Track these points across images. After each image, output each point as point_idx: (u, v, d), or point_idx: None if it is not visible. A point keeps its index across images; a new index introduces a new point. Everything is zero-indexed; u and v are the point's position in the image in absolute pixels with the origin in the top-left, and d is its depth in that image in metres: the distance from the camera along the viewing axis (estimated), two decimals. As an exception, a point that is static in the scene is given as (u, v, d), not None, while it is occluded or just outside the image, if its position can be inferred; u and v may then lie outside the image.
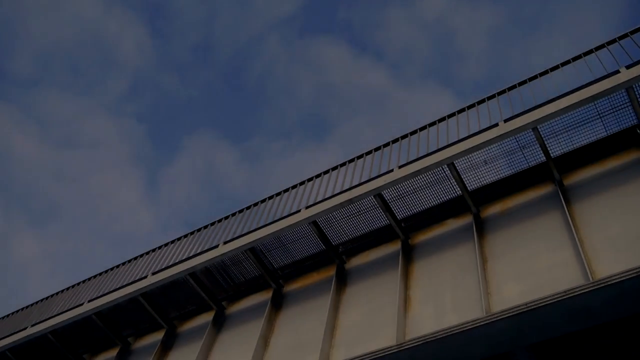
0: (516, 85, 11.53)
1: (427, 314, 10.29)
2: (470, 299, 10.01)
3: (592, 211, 10.09)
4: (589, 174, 10.85)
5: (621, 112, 10.52)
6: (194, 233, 14.52)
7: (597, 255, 9.28)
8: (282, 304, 13.01)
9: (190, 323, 14.36)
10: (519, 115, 10.61)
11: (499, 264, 10.32)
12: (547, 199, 10.92)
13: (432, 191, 11.80)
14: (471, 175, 11.52)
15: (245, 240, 12.85)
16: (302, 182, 13.32)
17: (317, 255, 13.02)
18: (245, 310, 13.54)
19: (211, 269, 13.58)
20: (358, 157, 12.83)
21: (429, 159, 11.24)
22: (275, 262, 13.31)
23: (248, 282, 13.77)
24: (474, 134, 11.02)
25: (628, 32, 10.67)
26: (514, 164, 11.48)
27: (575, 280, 9.10)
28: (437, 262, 11.32)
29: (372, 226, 12.46)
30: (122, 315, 14.76)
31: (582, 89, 10.18)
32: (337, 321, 11.51)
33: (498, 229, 11.04)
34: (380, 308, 11.09)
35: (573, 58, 11.12)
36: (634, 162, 10.40)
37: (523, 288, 9.58)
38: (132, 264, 15.07)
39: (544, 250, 10.00)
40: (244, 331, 12.85)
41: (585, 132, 10.93)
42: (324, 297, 12.15)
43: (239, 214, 14.03)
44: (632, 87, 9.89)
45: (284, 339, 11.99)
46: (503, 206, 11.47)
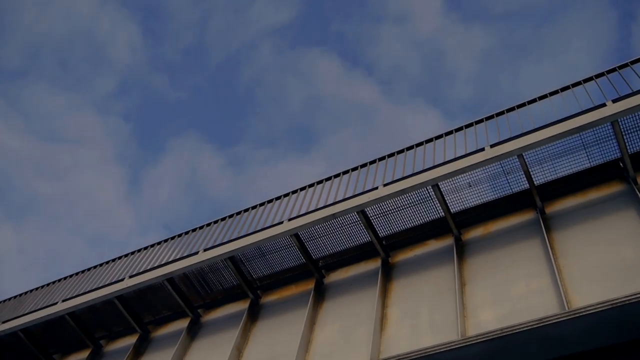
0: (504, 111, 11.65)
1: (402, 334, 10.28)
2: (446, 321, 10.03)
3: (571, 241, 10.17)
4: (570, 204, 10.96)
5: (605, 144, 10.65)
6: (174, 238, 14.42)
7: (574, 284, 9.35)
8: (258, 315, 12.94)
9: (164, 329, 14.23)
10: (506, 142, 10.70)
11: (477, 287, 10.35)
12: (528, 226, 10.99)
13: (415, 211, 11.83)
14: (454, 198, 11.58)
15: (226, 248, 12.79)
16: (286, 194, 13.31)
17: (296, 268, 12.98)
18: (221, 319, 13.44)
19: (189, 276, 13.49)
20: (344, 173, 12.86)
21: (414, 178, 11.29)
22: (254, 273, 13.25)
23: (226, 290, 13.69)
24: (460, 157, 11.10)
25: (616, 67, 10.84)
26: (497, 189, 11.56)
27: (551, 308, 9.15)
28: (416, 282, 11.34)
29: (354, 242, 12.46)
30: (96, 317, 14.59)
31: (568, 119, 10.30)
32: (312, 336, 11.46)
33: (478, 253, 11.09)
34: (356, 325, 11.06)
35: (561, 88, 11.26)
36: (615, 195, 10.52)
37: (499, 313, 9.61)
38: (109, 266, 14.93)
39: (522, 276, 10.05)
40: (218, 340, 12.75)
41: (569, 161, 11.04)
42: (300, 310, 12.10)
43: (221, 221, 13.97)
44: (617, 120, 10.03)
45: (258, 351, 11.91)
46: (484, 230, 11.53)
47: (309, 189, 13.05)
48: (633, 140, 10.40)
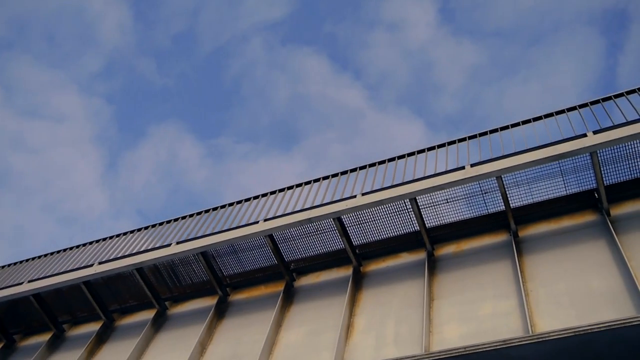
0: (487, 132, 11.78)
1: (367, 344, 10.31)
2: (412, 334, 10.08)
3: (541, 266, 10.29)
4: (543, 229, 11.09)
5: (583, 174, 10.80)
6: (147, 228, 14.33)
7: (540, 309, 9.46)
8: (225, 312, 12.89)
9: (129, 318, 14.11)
10: (486, 162, 10.81)
11: (445, 304, 10.42)
12: (500, 247, 11.10)
13: (391, 222, 11.89)
14: (431, 213, 11.66)
15: (199, 243, 12.74)
16: (264, 194, 13.32)
17: (268, 269, 12.96)
18: (188, 314, 13.37)
19: (159, 267, 13.41)
20: (324, 178, 12.89)
21: (393, 190, 11.34)
22: (225, 270, 13.20)
23: (195, 285, 13.62)
24: (440, 173, 11.18)
25: (599, 99, 11.02)
26: (473, 208, 11.66)
27: (515, 330, 9.25)
28: (385, 293, 11.38)
29: (327, 248, 12.48)
30: (61, 301, 14.42)
31: (549, 146, 10.44)
32: (277, 338, 11.45)
33: (449, 270, 11.17)
34: (322, 331, 11.07)
35: (545, 115, 11.41)
36: (588, 225, 10.68)
37: (464, 331, 9.68)
38: (79, 250, 14.78)
39: (490, 297, 10.14)
40: (182, 335, 12.67)
41: (546, 187, 11.17)
42: (268, 311, 12.08)
43: (197, 215, 13.92)
44: (597, 152, 10.18)
45: (221, 348, 11.86)
46: (457, 248, 11.62)
47: (288, 191, 13.06)
48: (610, 173, 10.56)
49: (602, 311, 8.92)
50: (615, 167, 10.57)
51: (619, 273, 9.39)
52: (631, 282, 9.01)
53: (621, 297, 9.01)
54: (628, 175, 10.68)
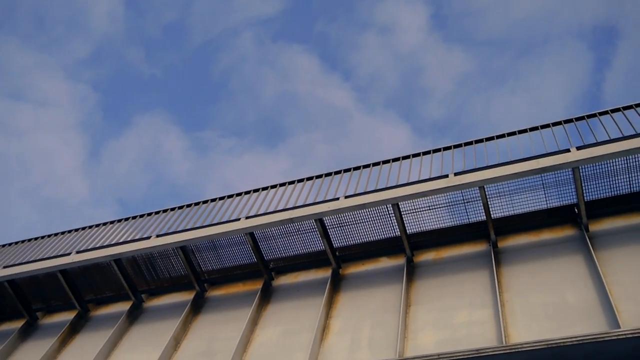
0: (472, 142, 11.86)
1: (342, 346, 10.32)
2: (387, 339, 10.11)
3: (518, 277, 10.37)
4: (523, 241, 11.18)
5: (564, 188, 10.90)
6: (128, 220, 14.24)
7: (515, 320, 9.52)
8: (201, 308, 12.84)
9: (104, 309, 14.01)
10: (469, 172, 10.88)
11: (422, 310, 10.46)
12: (479, 257, 11.17)
13: (372, 226, 11.91)
14: (412, 219, 11.70)
15: (179, 237, 12.68)
16: (247, 192, 13.30)
17: (246, 267, 12.93)
18: (164, 308, 13.30)
19: (138, 259, 13.32)
20: (308, 179, 12.90)
21: (376, 195, 11.37)
22: (203, 265, 13.15)
23: (172, 279, 13.55)
24: (424, 181, 11.23)
25: (584, 115, 11.15)
26: (455, 216, 11.72)
27: (489, 340, 9.31)
28: (362, 296, 11.40)
29: (307, 249, 12.48)
30: (36, 289, 14.28)
31: (532, 159, 10.53)
32: (253, 336, 11.42)
33: (427, 277, 11.22)
34: (297, 331, 11.06)
35: (530, 128, 11.52)
36: (566, 239, 10.78)
37: (439, 338, 9.73)
38: (57, 238, 14.64)
39: (466, 305, 10.20)
40: (157, 328, 12.60)
41: (527, 199, 11.25)
42: (244, 309, 12.04)
43: (178, 209, 13.86)
44: (579, 167, 10.28)
45: (195, 344, 11.81)
46: (436, 255, 11.67)
47: (271, 189, 13.06)
48: (590, 189, 10.67)
49: (576, 325, 9.01)
50: (596, 184, 10.68)
51: (594, 288, 9.49)
52: (605, 298, 9.11)
53: (595, 312, 9.11)
54: (608, 192, 10.80)
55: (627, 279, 9.41)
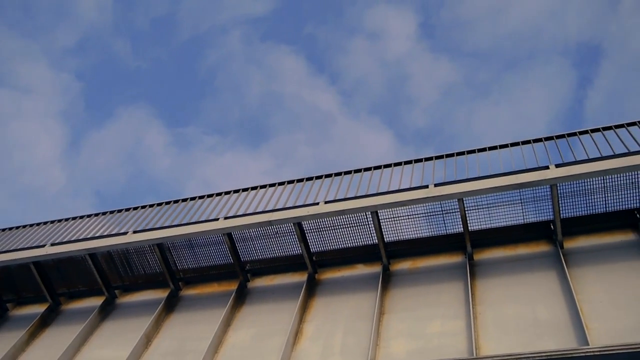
0: (454, 154, 11.95)
1: (313, 352, 10.31)
2: (359, 346, 10.12)
3: (492, 290, 10.46)
4: (498, 255, 11.27)
5: (541, 204, 11.02)
6: (105, 214, 14.13)
7: (486, 332, 9.60)
8: (175, 306, 12.76)
9: (76, 303, 13.86)
10: (449, 184, 10.97)
11: (395, 319, 10.50)
12: (454, 269, 11.24)
13: (350, 233, 11.94)
14: (390, 227, 11.74)
15: (156, 234, 12.60)
16: (227, 192, 13.27)
17: (222, 267, 12.88)
18: (137, 304, 13.20)
19: (113, 255, 13.21)
20: (289, 182, 12.91)
21: (356, 202, 11.41)
22: (179, 263, 13.08)
23: (147, 276, 13.46)
24: (404, 190, 11.30)
25: (565, 134, 11.29)
26: (433, 227, 11.78)
27: (460, 352, 9.36)
28: (337, 302, 11.41)
29: (284, 252, 12.46)
30: (7, 280, 14.08)
31: (512, 174, 10.65)
32: (225, 337, 11.37)
33: (402, 285, 11.26)
34: (270, 334, 11.04)
35: (512, 144, 11.65)
36: (541, 255, 10.90)
37: (411, 348, 9.77)
38: (32, 229, 14.47)
39: (439, 316, 10.25)
40: (129, 325, 12.49)
41: (505, 213, 11.36)
42: (218, 310, 11.99)
43: (157, 206, 13.78)
44: (557, 185, 10.41)
45: (167, 343, 11.73)
46: (412, 264, 11.73)
47: (252, 191, 13.05)
48: (567, 206, 10.80)
49: (546, 340, 9.10)
50: (572, 201, 10.82)
51: (566, 305, 9.60)
52: (576, 315, 9.22)
53: (565, 328, 9.21)
54: (584, 211, 10.94)
55: (598, 297, 9.53)
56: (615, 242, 10.62)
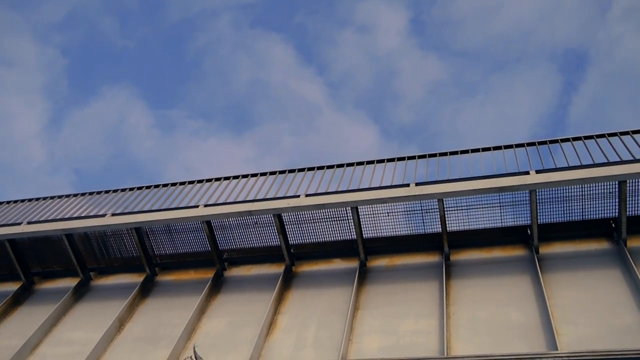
0: (437, 154, 12.03)
1: (286, 343, 10.34)
2: (331, 340, 10.17)
3: (466, 291, 10.55)
4: (475, 257, 11.38)
5: (520, 209, 11.14)
6: (84, 195, 14.03)
7: (458, 333, 9.69)
8: (150, 292, 12.72)
9: (50, 283, 13.76)
10: (430, 184, 11.05)
11: (369, 315, 10.56)
12: (430, 268, 11.33)
13: (329, 227, 11.97)
14: (370, 223, 11.79)
15: (135, 218, 12.54)
16: (209, 180, 13.27)
17: (200, 254, 12.85)
18: (111, 287, 13.13)
19: (90, 236, 13.12)
20: (271, 173, 12.92)
21: (337, 196, 11.44)
22: (156, 249, 13.02)
23: (124, 259, 13.38)
24: (385, 187, 11.36)
25: (547, 140, 11.42)
26: (411, 226, 11.85)
27: (431, 351, 9.45)
28: (312, 295, 11.45)
29: (262, 243, 12.46)
30: (-19, 255, 13.92)
31: (493, 177, 10.75)
32: (199, 325, 11.36)
33: (378, 282, 11.33)
34: (244, 324, 11.05)
35: (494, 147, 11.75)
36: (516, 259, 11.02)
37: (383, 344, 9.83)
38: (9, 207, 14.32)
39: (413, 314, 10.33)
40: (102, 308, 12.42)
41: (483, 216, 11.45)
42: (193, 297, 11.96)
43: (137, 190, 13.71)
44: (536, 190, 10.52)
45: (140, 327, 11.69)
46: (390, 262, 11.80)
47: (233, 180, 13.04)
48: (545, 212, 10.92)
49: (516, 343, 9.21)
50: (550, 208, 10.94)
51: (538, 309, 9.72)
52: (547, 319, 9.35)
53: (536, 332, 9.33)
54: (561, 217, 11.07)
55: (569, 303, 9.67)
56: (590, 250, 10.77)
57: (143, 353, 10.96)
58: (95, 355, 10.94)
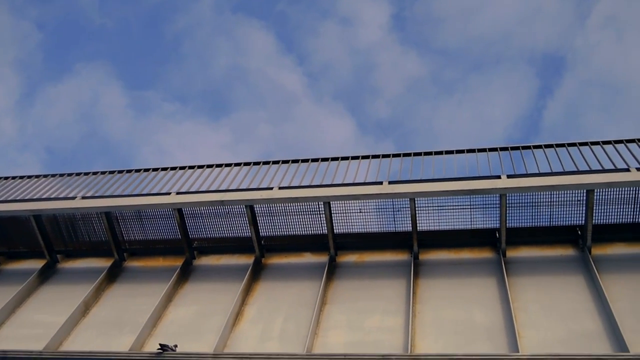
0: (412, 154, 12.16)
1: (252, 334, 10.37)
2: (297, 333, 10.22)
3: (433, 290, 10.68)
4: (443, 257, 11.52)
5: (489, 212, 11.30)
6: (55, 176, 13.85)
7: (423, 331, 9.81)
8: (117, 277, 12.62)
9: (16, 264, 13.56)
10: (403, 183, 11.15)
11: (336, 310, 10.63)
12: (399, 266, 11.44)
13: (301, 221, 11.99)
14: (341, 219, 11.84)
15: (106, 202, 12.42)
16: (182, 167, 13.23)
17: (170, 242, 12.78)
18: (78, 271, 13.00)
19: (58, 219, 12.96)
20: (245, 164, 12.91)
21: (310, 190, 11.48)
22: (126, 234, 12.92)
23: (92, 243, 13.25)
24: (359, 184, 11.43)
25: (520, 146, 11.61)
26: (383, 223, 11.95)
27: (396, 347, 9.56)
28: (281, 288, 11.48)
29: (233, 234, 12.44)
30: (-54, 232, 13.67)
31: (464, 180, 10.88)
32: (165, 312, 11.31)
33: (347, 278, 11.40)
34: (211, 313, 11.03)
35: (468, 150, 11.91)
36: (484, 261, 11.18)
37: (348, 339, 9.91)
38: (-23, 184, 14.05)
39: (379, 311, 10.43)
40: (68, 291, 12.29)
41: (454, 217, 11.58)
42: (161, 284, 11.90)
43: (109, 174, 13.58)
44: (506, 195, 10.67)
45: (106, 312, 11.60)
46: (359, 258, 11.88)
47: (207, 169, 13.01)
48: (513, 216, 11.09)
49: (479, 344, 9.37)
50: (519, 212, 11.11)
51: (502, 311, 9.88)
52: (510, 322, 9.51)
53: (499, 333, 9.50)
54: (529, 222, 11.26)
55: (533, 307, 9.85)
56: (556, 255, 10.98)
57: (108, 338, 10.89)
58: (58, 339, 10.84)
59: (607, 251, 10.77)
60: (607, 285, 9.84)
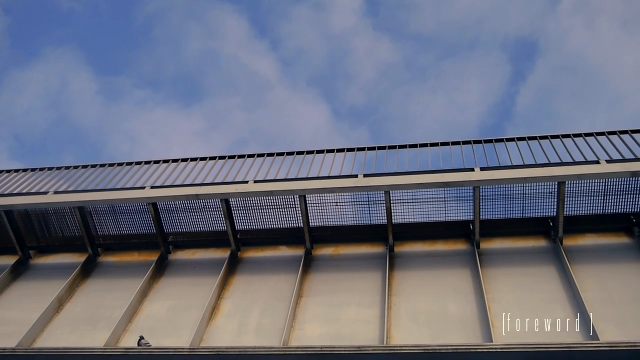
0: (386, 147, 12.25)
1: (229, 329, 10.37)
2: (274, 327, 10.24)
3: (408, 283, 10.79)
4: (418, 249, 11.63)
5: (463, 204, 11.43)
6: (26, 171, 13.65)
7: (398, 323, 9.91)
8: (91, 272, 12.51)
9: (-13, 260, 13.34)
10: (378, 176, 11.23)
11: (312, 303, 10.68)
12: (375, 259, 11.52)
13: (277, 215, 12.00)
14: (317, 212, 11.88)
15: (79, 197, 12.29)
16: (157, 161, 13.13)
17: (144, 237, 12.69)
18: (52, 267, 12.85)
19: (31, 214, 12.78)
20: (220, 158, 12.86)
21: (285, 184, 11.49)
22: (100, 229, 12.79)
23: (65, 239, 13.10)
24: (334, 177, 11.47)
25: (493, 140, 11.76)
26: (358, 216, 12.01)
27: (371, 339, 9.64)
28: (257, 282, 11.49)
29: (209, 228, 12.40)
30: None
31: (439, 173, 11.00)
32: (140, 307, 11.25)
33: (323, 271, 11.45)
34: (187, 308, 11.00)
35: (442, 143, 12.03)
36: (458, 253, 11.32)
37: (325, 332, 9.97)
38: (-55, 180, 13.78)
39: (355, 303, 10.50)
40: (41, 287, 12.14)
41: (429, 210, 11.69)
42: (136, 279, 11.82)
43: (82, 168, 13.42)
44: (480, 187, 10.80)
45: (80, 308, 11.49)
46: (335, 251, 11.93)
47: (182, 163, 12.96)
48: (486, 208, 11.23)
49: (454, 335, 9.49)
50: (493, 205, 11.26)
51: (476, 302, 10.03)
52: (484, 313, 9.66)
53: (473, 324, 9.64)
54: (503, 214, 11.41)
55: (506, 298, 10.01)
56: (528, 247, 11.15)
57: (82, 334, 10.80)
58: (32, 336, 10.72)
59: (578, 242, 10.97)
60: (578, 276, 10.04)
